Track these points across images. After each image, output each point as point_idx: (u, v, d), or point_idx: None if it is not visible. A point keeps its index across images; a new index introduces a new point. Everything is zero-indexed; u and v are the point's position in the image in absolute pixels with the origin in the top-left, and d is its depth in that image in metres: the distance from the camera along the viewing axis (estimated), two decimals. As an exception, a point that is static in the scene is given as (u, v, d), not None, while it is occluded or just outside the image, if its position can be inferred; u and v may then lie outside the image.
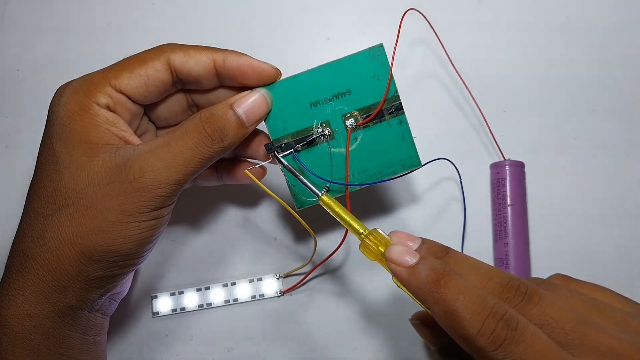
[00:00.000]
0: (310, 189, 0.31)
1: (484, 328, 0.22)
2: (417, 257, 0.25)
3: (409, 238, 0.27)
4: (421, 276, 0.24)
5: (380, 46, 0.32)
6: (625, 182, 0.42)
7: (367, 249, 0.28)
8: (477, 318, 0.23)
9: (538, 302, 0.24)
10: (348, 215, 0.29)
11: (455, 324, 0.23)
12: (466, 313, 0.23)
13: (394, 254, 0.26)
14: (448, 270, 0.24)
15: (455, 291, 0.23)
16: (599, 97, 0.43)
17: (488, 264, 0.26)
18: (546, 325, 0.23)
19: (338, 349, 0.39)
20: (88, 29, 0.44)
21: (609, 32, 0.44)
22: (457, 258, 0.26)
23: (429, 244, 0.27)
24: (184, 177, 0.29)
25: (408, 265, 0.25)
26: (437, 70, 0.43)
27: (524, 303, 0.24)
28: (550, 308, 0.24)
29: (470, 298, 0.23)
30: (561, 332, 0.23)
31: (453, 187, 0.42)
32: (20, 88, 0.43)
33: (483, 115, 0.42)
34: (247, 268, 0.40)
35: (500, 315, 0.22)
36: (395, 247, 0.26)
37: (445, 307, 0.23)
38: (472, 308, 0.23)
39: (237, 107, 0.30)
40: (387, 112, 0.33)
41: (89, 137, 0.28)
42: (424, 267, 0.25)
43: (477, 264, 0.26)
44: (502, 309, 0.23)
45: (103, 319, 0.32)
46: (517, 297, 0.24)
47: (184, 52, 0.30)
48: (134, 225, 0.28)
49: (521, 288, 0.24)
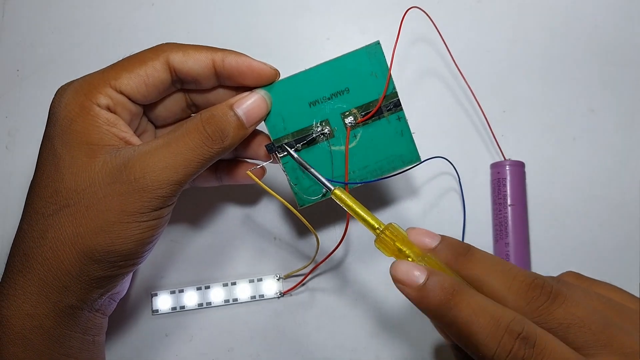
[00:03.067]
0: (323, 182, 0.30)
1: (500, 350, 0.22)
2: (426, 274, 0.24)
3: (428, 234, 0.26)
4: (430, 298, 0.23)
5: (377, 43, 0.32)
6: (625, 182, 0.42)
7: (383, 244, 0.26)
8: (493, 338, 0.22)
9: (563, 302, 0.23)
10: (362, 209, 0.28)
11: (471, 345, 0.23)
12: (481, 335, 0.22)
13: (400, 273, 0.24)
14: (459, 287, 0.23)
15: (468, 312, 0.23)
16: (599, 97, 0.43)
17: (511, 263, 0.25)
18: (573, 325, 0.23)
19: (338, 349, 0.39)
20: (88, 29, 0.44)
21: (609, 32, 0.44)
22: (478, 257, 0.25)
23: (449, 240, 0.26)
24: (184, 177, 0.29)
25: (416, 285, 0.24)
26: (436, 69, 0.43)
27: (549, 302, 0.23)
28: (576, 308, 0.23)
29: (484, 318, 0.22)
30: (588, 332, 0.23)
31: (453, 186, 0.42)
32: (20, 88, 0.43)
33: (484, 115, 0.42)
34: (247, 268, 0.40)
35: (516, 333, 0.22)
36: (400, 264, 0.25)
37: (458, 329, 0.23)
38: (486, 328, 0.22)
39: (237, 108, 0.30)
40: (386, 108, 0.33)
41: (90, 138, 0.28)
42: (433, 286, 0.23)
43: (500, 262, 0.25)
44: (518, 326, 0.22)
45: (102, 318, 0.32)
46: (542, 296, 0.23)
47: (183, 52, 0.30)
48: (134, 225, 0.28)
49: (546, 287, 0.24)
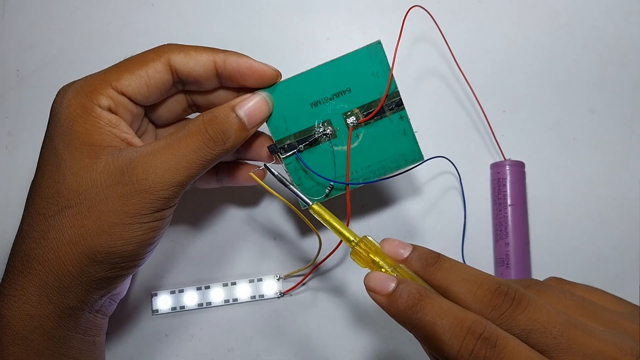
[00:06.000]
0: (301, 198, 0.31)
1: (463, 348, 0.22)
2: (395, 282, 0.25)
3: (400, 245, 0.27)
4: (399, 303, 0.24)
5: (378, 43, 0.32)
6: (625, 182, 0.42)
7: (358, 256, 0.28)
8: (456, 338, 0.23)
9: (526, 307, 0.24)
10: (339, 223, 0.29)
11: (436, 346, 0.23)
12: (444, 334, 0.23)
13: (372, 282, 0.25)
14: (424, 292, 0.24)
15: (432, 314, 0.23)
16: (599, 97, 0.43)
17: (478, 270, 0.26)
18: (534, 330, 0.23)
19: (338, 349, 0.39)
20: (88, 29, 0.44)
21: (609, 32, 0.44)
22: (446, 265, 0.26)
23: (420, 250, 0.27)
24: (186, 178, 0.29)
25: (386, 292, 0.25)
26: (437, 68, 0.43)
27: (512, 309, 0.24)
28: (538, 313, 0.23)
29: (447, 319, 0.23)
30: (549, 337, 0.23)
31: (453, 186, 0.42)
32: (20, 88, 0.43)
33: (485, 115, 0.42)
34: (247, 268, 0.40)
35: (478, 333, 0.22)
36: (373, 274, 0.26)
37: (424, 331, 0.24)
38: (450, 329, 0.23)
39: (238, 110, 0.30)
40: (388, 108, 0.33)
41: (92, 139, 0.28)
42: (401, 292, 0.24)
43: (467, 270, 0.26)
44: (479, 327, 0.23)
45: (103, 319, 0.32)
46: (505, 303, 0.24)
47: (185, 53, 0.30)
48: (136, 226, 0.28)
49: (509, 293, 0.24)
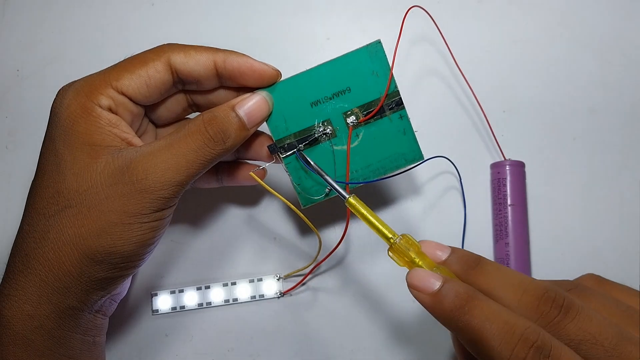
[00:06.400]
0: (338, 191, 0.30)
1: (514, 356, 0.21)
2: (441, 281, 0.24)
3: (438, 247, 0.26)
4: (445, 304, 0.23)
5: (377, 42, 0.32)
6: (625, 182, 0.42)
7: (397, 254, 0.27)
8: (506, 345, 0.22)
9: (575, 316, 0.23)
10: (376, 218, 0.28)
11: (483, 351, 0.22)
12: (494, 341, 0.22)
13: (415, 280, 0.24)
14: (473, 294, 0.23)
15: (481, 318, 0.22)
16: (599, 97, 0.43)
17: (522, 274, 0.25)
18: (584, 341, 0.22)
19: (338, 349, 0.39)
20: (88, 29, 0.44)
21: (609, 32, 0.44)
22: (488, 269, 0.25)
23: (460, 253, 0.26)
24: (186, 178, 0.29)
25: (432, 291, 0.24)
26: (437, 68, 0.43)
27: (561, 316, 0.23)
28: (588, 322, 0.23)
29: (497, 324, 0.22)
30: (600, 349, 0.22)
31: (453, 186, 0.42)
32: (20, 88, 0.43)
33: (485, 114, 0.42)
34: (247, 268, 0.40)
35: (531, 342, 0.21)
36: (417, 271, 0.25)
37: (471, 335, 0.23)
38: (500, 335, 0.22)
39: (238, 109, 0.30)
40: (388, 107, 0.33)
41: (92, 139, 0.28)
42: (448, 292, 0.23)
43: (510, 274, 0.25)
44: (533, 335, 0.22)
45: (103, 319, 0.32)
46: (553, 310, 0.23)
47: (185, 53, 0.30)
48: (136, 226, 0.28)
49: (557, 300, 0.23)
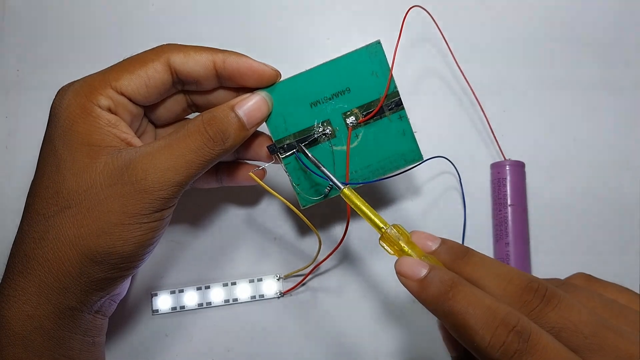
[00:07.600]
0: (334, 182, 0.30)
1: (494, 340, 0.22)
2: (427, 268, 0.25)
3: (429, 238, 0.27)
4: (430, 290, 0.24)
5: (377, 43, 0.32)
6: (625, 182, 0.42)
7: (387, 242, 0.27)
8: (487, 329, 0.22)
9: (557, 305, 0.23)
10: (368, 208, 0.29)
11: (466, 335, 0.23)
12: (476, 325, 0.23)
13: (404, 267, 0.25)
14: (457, 280, 0.24)
15: (464, 303, 0.23)
16: (599, 97, 0.43)
17: (508, 265, 0.25)
18: (565, 328, 0.23)
19: (338, 349, 0.39)
20: (88, 29, 0.44)
21: (609, 32, 0.44)
22: (475, 259, 0.26)
23: (449, 243, 0.27)
24: (186, 178, 0.29)
25: (418, 278, 0.24)
26: (437, 68, 0.43)
27: (542, 305, 0.23)
28: (569, 311, 0.23)
29: (480, 309, 0.23)
30: (580, 336, 0.23)
31: (453, 186, 0.42)
32: (20, 88, 0.43)
33: (485, 114, 0.42)
34: (247, 268, 0.40)
35: (511, 325, 0.22)
36: (405, 259, 0.25)
37: (454, 319, 0.23)
38: (482, 319, 0.22)
39: (238, 109, 0.30)
40: (387, 108, 0.33)
41: (92, 139, 0.28)
42: (433, 279, 0.24)
43: (497, 265, 0.25)
44: (513, 319, 0.22)
45: (102, 320, 0.32)
46: (535, 299, 0.23)
47: (184, 53, 0.30)
48: (135, 227, 0.28)
49: (540, 290, 0.24)
